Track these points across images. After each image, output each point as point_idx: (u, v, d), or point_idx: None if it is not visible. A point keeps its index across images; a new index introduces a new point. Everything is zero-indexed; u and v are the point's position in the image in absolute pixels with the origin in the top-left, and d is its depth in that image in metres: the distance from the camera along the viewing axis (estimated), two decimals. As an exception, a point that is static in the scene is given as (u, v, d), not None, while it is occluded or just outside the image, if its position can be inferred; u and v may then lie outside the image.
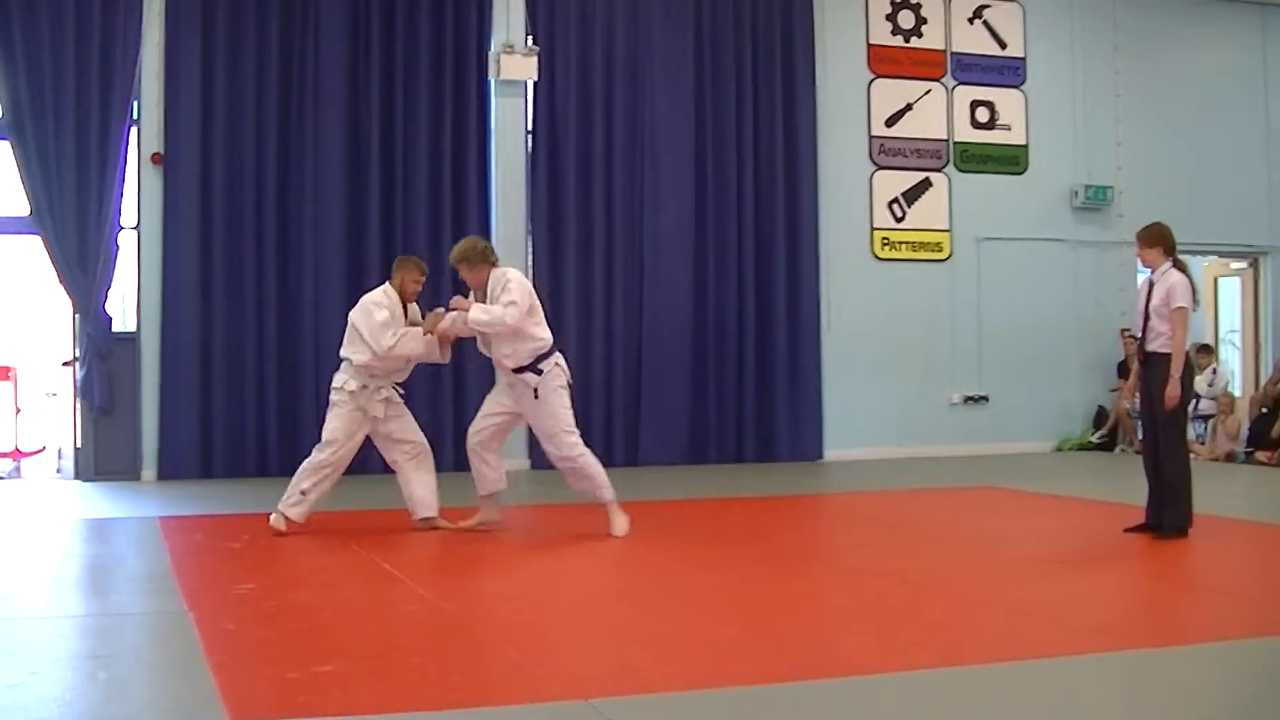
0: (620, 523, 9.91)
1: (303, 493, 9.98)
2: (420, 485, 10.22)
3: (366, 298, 10.22)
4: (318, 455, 10.01)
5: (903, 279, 16.95)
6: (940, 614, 7.21)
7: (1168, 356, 9.47)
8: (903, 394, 16.81)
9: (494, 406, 10.08)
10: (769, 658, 6.18)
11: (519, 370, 9.72)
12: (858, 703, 5.38)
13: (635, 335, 15.70)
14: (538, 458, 15.08)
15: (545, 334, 9.79)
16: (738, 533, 10.59)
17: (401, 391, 10.23)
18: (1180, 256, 9.78)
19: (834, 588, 8.26)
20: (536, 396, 9.73)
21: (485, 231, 15.10)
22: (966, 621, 7.03)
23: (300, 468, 10.09)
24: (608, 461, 15.11)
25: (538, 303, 9.83)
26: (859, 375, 16.61)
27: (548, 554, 9.54)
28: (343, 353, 10.06)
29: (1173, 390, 9.40)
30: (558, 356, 9.84)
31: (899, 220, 17.04)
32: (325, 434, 10.04)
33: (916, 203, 17.12)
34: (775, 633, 6.75)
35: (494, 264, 9.91)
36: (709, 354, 15.94)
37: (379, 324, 9.91)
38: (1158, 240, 9.73)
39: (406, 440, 10.21)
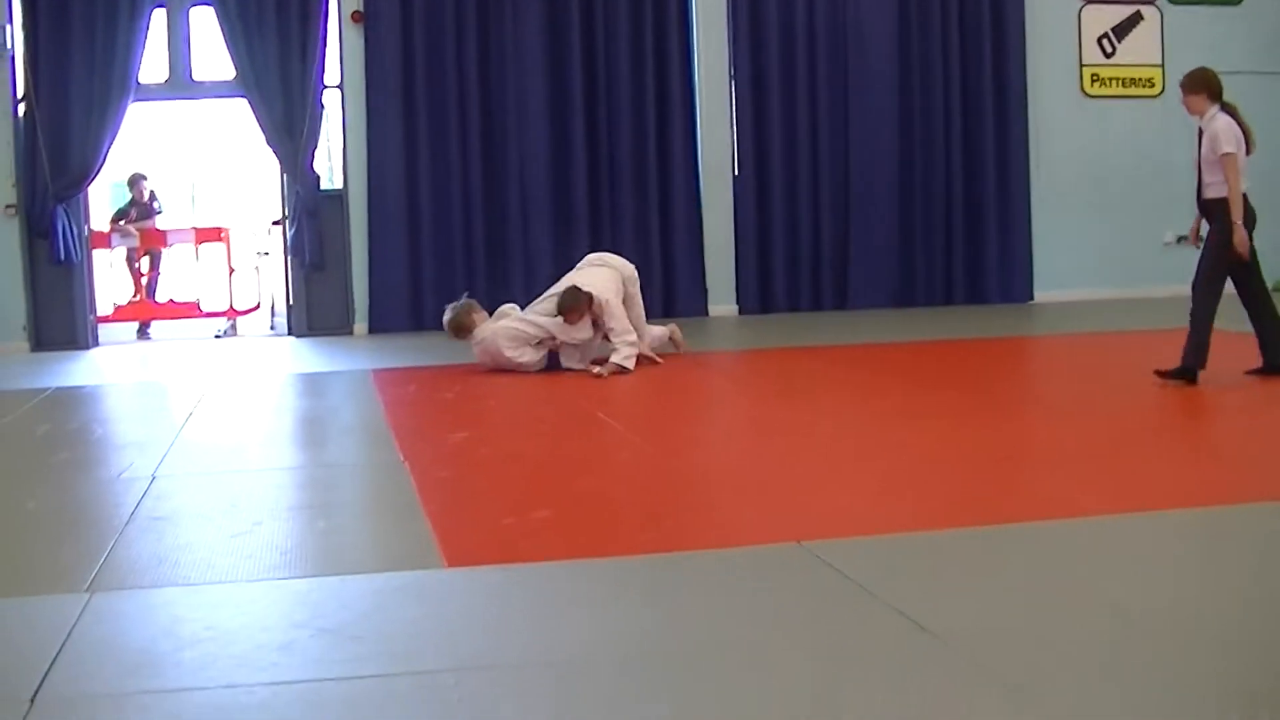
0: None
1: None
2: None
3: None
4: None
5: (1113, 116, 16.36)
6: (1151, 458, 6.98)
7: (1224, 201, 8.94)
8: (1114, 234, 16.30)
9: None
10: (980, 500, 6.06)
11: None
12: (1067, 545, 5.24)
13: (842, 177, 15.43)
14: (745, 303, 15.02)
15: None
16: (947, 376, 10.39)
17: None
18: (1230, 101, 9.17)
19: (1045, 430, 8.06)
20: None
21: (687, 76, 14.93)
22: (1177, 465, 6.80)
23: None
24: (816, 305, 15.15)
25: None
26: (1069, 215, 16.14)
27: (759, 400, 9.45)
28: None
29: (1239, 236, 8.86)
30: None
31: (1109, 56, 16.41)
32: None
33: (1127, 37, 16.46)
34: (985, 475, 6.61)
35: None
36: (916, 195, 15.61)
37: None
38: (1200, 86, 9.25)
39: None
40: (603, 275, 10.66)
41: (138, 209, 15.87)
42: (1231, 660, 3.91)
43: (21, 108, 13.75)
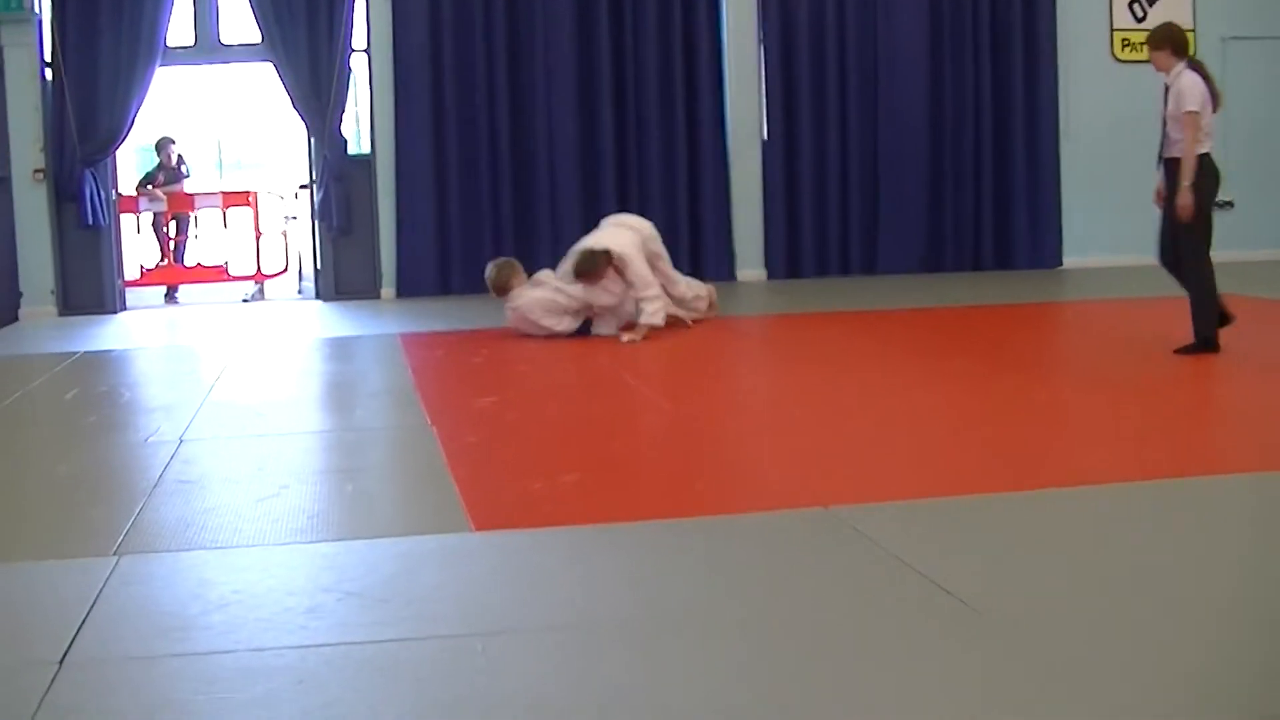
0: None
1: None
2: None
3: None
4: None
5: (1144, 81, 16.15)
6: (1177, 424, 6.94)
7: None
8: (1144, 200, 16.04)
9: None
10: (1007, 466, 6.05)
11: None
12: (1094, 511, 5.21)
13: (871, 142, 15.34)
14: (773, 267, 14.98)
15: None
16: (975, 341, 10.34)
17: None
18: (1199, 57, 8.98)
19: (1073, 397, 8.01)
20: None
21: (716, 41, 14.87)
22: (1204, 432, 6.76)
23: None
24: (844, 270, 15.09)
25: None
26: (1099, 181, 16.00)
27: (787, 365, 9.43)
28: None
29: (1184, 199, 8.78)
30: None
31: (1140, 20, 16.24)
32: None
33: (1159, 2, 16.32)
34: (1013, 441, 6.59)
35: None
36: (945, 161, 15.52)
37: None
38: (1164, 41, 9.10)
39: None
40: (620, 235, 10.62)
41: (165, 173, 15.87)
42: (1264, 629, 3.89)
43: (49, 72, 13.75)
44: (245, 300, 15.41)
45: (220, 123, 24.59)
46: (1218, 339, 8.85)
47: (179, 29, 14.19)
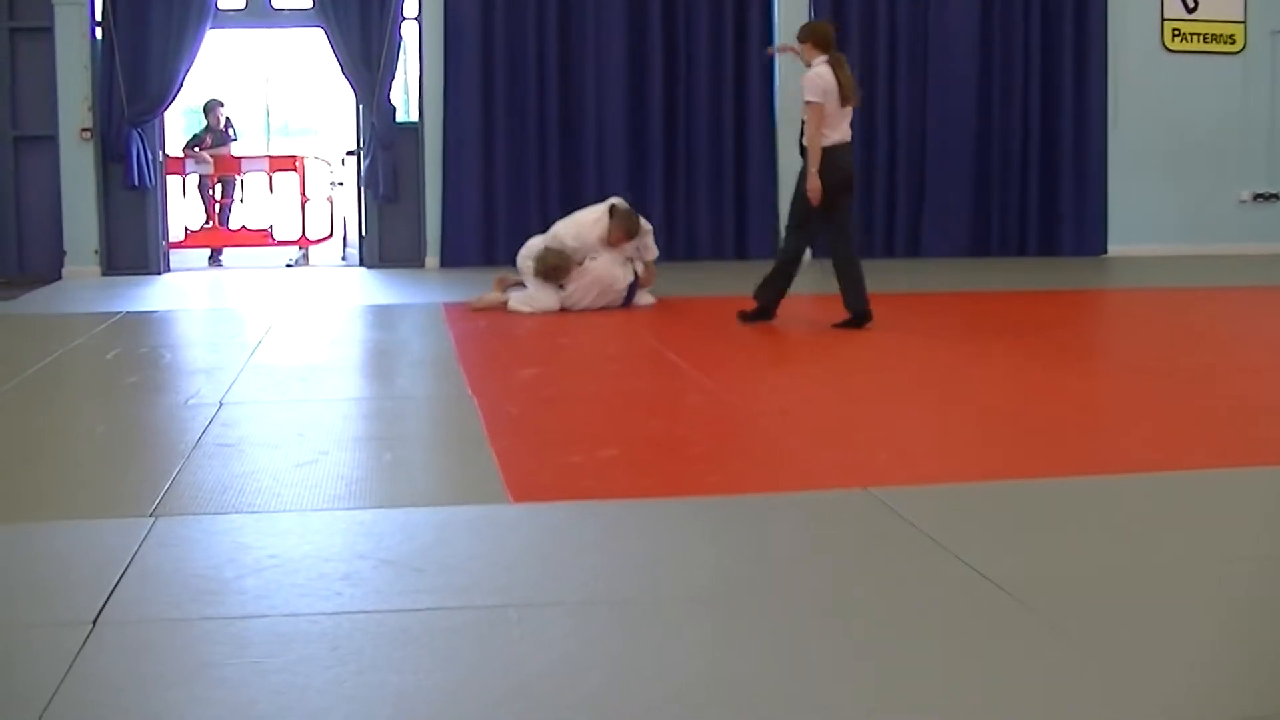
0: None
1: None
2: None
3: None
4: None
5: (1193, 72, 16.07)
6: (1220, 414, 6.86)
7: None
8: (1191, 190, 16.04)
9: None
10: (1048, 452, 6.01)
11: None
12: (1135, 499, 5.17)
13: (919, 126, 15.26)
14: (818, 248, 14.88)
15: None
16: (1019, 327, 10.27)
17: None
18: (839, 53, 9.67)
19: (1114, 384, 7.98)
20: None
21: (767, 20, 14.80)
22: (1246, 423, 6.67)
23: None
24: (888, 253, 15.03)
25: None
26: (1146, 170, 15.89)
27: (829, 347, 9.37)
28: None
29: (811, 184, 9.35)
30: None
31: (1190, 11, 16.10)
32: None
33: (1208, -8, 16.19)
34: (1054, 427, 6.53)
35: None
36: (993, 146, 15.43)
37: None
38: (807, 36, 9.70)
39: None
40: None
41: (213, 135, 15.89)
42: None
43: (99, 31, 13.78)
44: (289, 265, 15.43)
45: (269, 87, 24.60)
46: (869, 311, 9.57)
47: (230, -8, 14.21)
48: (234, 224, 16.32)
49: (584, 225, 10.91)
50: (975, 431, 6.46)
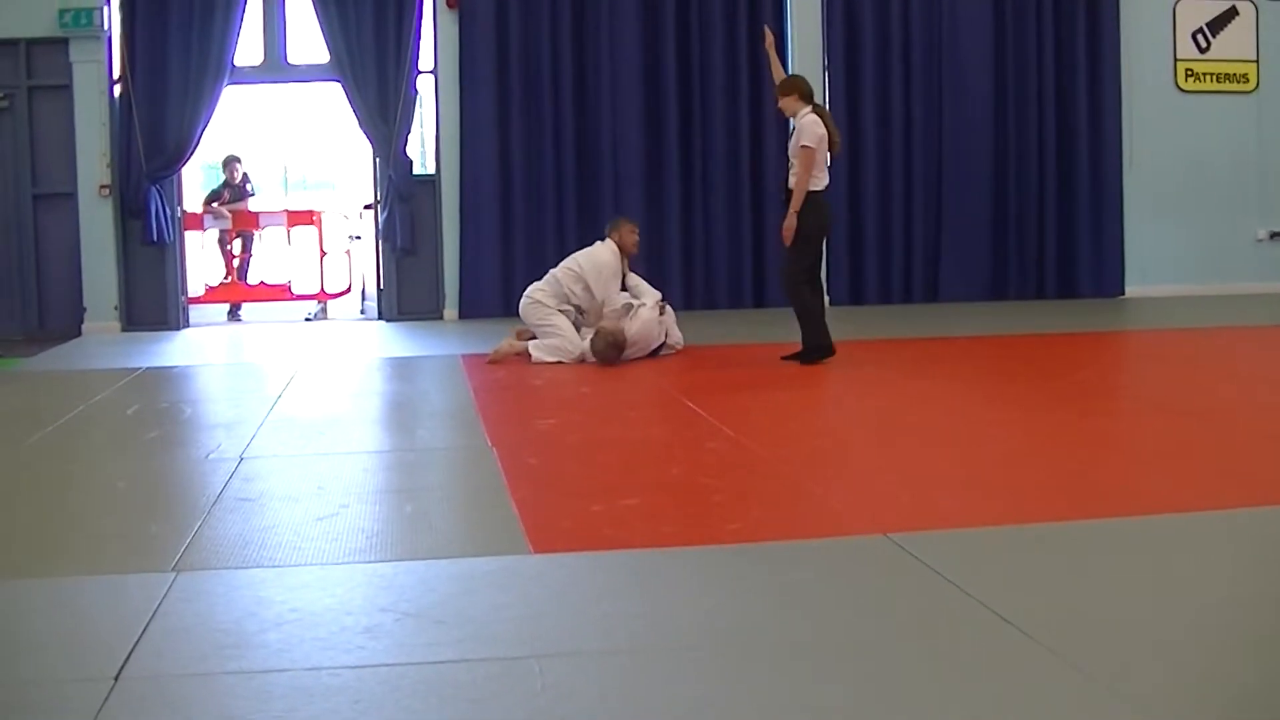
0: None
1: None
2: None
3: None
4: None
5: (1207, 112, 16.10)
6: (1244, 454, 6.83)
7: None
8: (1207, 230, 16.05)
9: None
10: (1069, 495, 5.97)
11: None
12: (1158, 542, 5.13)
13: (935, 169, 15.30)
14: (836, 294, 14.90)
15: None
16: (1038, 369, 10.27)
17: None
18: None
19: (1135, 425, 7.96)
20: None
21: (781, 57, 14.82)
22: (1272, 461, 6.65)
23: None
24: (906, 298, 15.04)
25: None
26: (1162, 210, 15.90)
27: (846, 392, 9.36)
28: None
29: (789, 223, 9.89)
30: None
31: (1203, 51, 16.14)
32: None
33: (1222, 32, 16.18)
34: (1075, 470, 6.51)
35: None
36: (1009, 189, 15.46)
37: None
38: (791, 89, 10.23)
39: None
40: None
41: (231, 190, 15.97)
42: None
43: (118, 88, 13.88)
44: (308, 319, 15.48)
45: (286, 142, 24.72)
46: (828, 346, 10.09)
47: (247, 48, 14.33)
48: (252, 279, 16.37)
49: (600, 263, 11.06)
50: (998, 475, 6.43)
